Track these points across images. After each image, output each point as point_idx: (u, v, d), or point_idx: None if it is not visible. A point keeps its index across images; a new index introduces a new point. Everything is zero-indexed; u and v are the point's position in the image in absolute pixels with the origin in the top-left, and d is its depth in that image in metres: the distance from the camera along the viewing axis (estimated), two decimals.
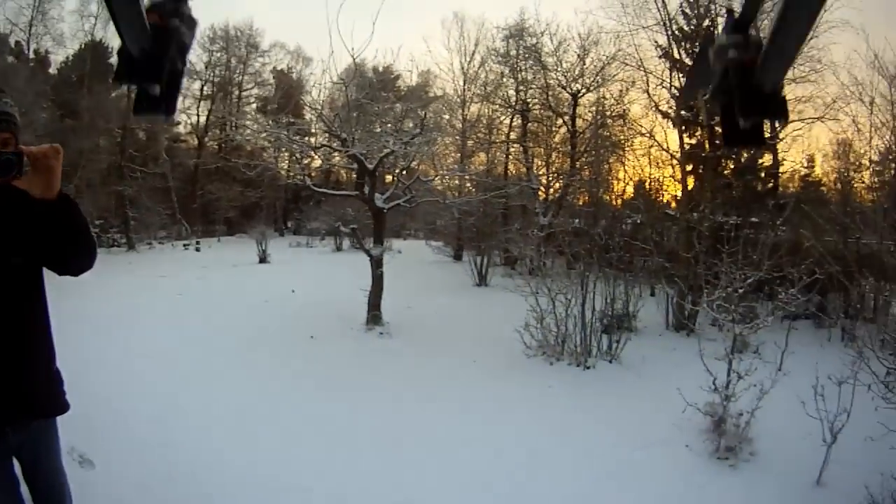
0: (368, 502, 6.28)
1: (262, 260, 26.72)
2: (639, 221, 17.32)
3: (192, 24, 1.21)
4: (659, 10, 19.44)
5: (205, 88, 40.63)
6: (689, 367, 9.74)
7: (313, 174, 39.61)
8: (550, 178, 25.73)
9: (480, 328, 14.29)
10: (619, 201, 23.27)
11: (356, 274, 16.63)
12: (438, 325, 14.77)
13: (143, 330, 12.72)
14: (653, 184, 22.05)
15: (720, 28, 1.43)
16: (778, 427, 8.00)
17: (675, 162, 19.94)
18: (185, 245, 32.18)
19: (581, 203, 25.72)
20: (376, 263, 14.46)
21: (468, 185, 25.80)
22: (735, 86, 1.13)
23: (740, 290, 9.40)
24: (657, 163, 21.47)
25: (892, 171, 18.14)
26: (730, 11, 1.25)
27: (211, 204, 38.47)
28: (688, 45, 19.60)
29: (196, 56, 38.74)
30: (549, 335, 12.04)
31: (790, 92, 18.79)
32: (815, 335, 13.51)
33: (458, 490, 6.61)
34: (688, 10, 19.71)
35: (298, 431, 7.91)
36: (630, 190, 23.45)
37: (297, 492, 6.24)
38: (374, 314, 14.16)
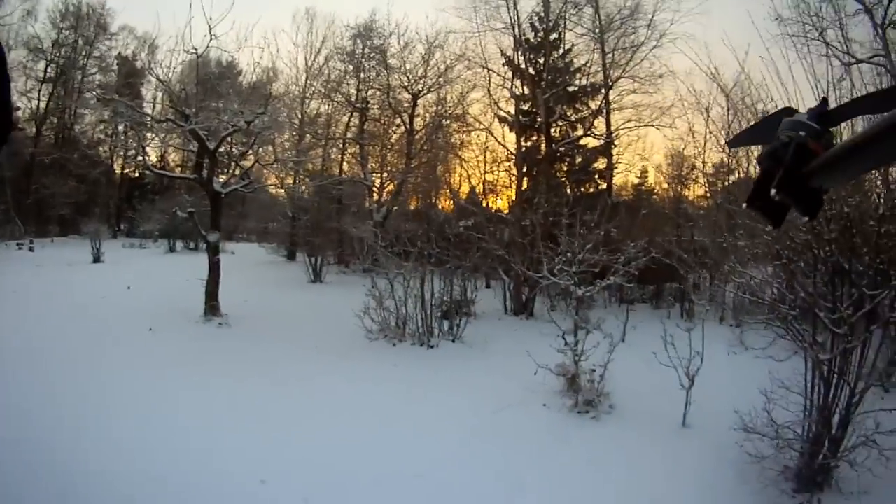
0: (231, 481, 5.84)
1: (97, 259, 25.08)
2: (471, 223, 17.31)
3: None
4: (510, 14, 19.74)
5: (48, 70, 37.08)
6: (531, 342, 9.82)
7: (146, 172, 37.17)
8: (385, 179, 25.43)
9: (319, 319, 13.86)
10: (451, 204, 23.34)
11: (190, 273, 15.93)
12: (276, 317, 14.21)
13: None
14: (487, 185, 22.28)
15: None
16: (631, 382, 8.15)
17: (510, 163, 20.32)
18: (18, 245, 29.53)
19: (414, 205, 25.74)
20: (213, 250, 13.68)
21: (302, 182, 25.77)
22: (788, 161, 1.14)
23: (579, 256, 9.47)
24: (493, 163, 21.75)
25: (723, 181, 19.83)
26: (824, 100, 1.25)
27: (45, 200, 35.07)
28: (531, 56, 20.16)
29: (45, 32, 35.59)
30: (391, 317, 11.79)
31: (630, 99, 20.12)
32: (653, 314, 14.16)
33: (322, 462, 6.26)
34: (537, 24, 20.26)
35: (144, 420, 7.15)
36: (465, 190, 23.62)
37: (153, 482, 5.68)
38: (211, 304, 13.33)
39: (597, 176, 20.90)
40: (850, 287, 5.84)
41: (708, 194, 19.67)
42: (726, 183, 19.86)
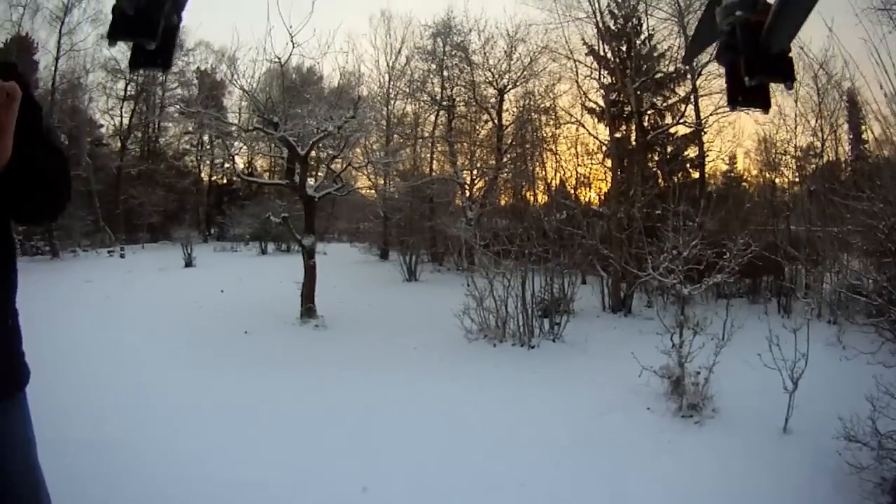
0: (332, 490, 5.93)
1: (189, 264, 26.27)
2: (569, 214, 17.39)
3: None
4: (590, 1, 19.59)
5: (128, 88, 39.17)
6: (632, 342, 10.01)
7: (235, 179, 38.98)
8: (475, 175, 25.78)
9: (417, 318, 14.16)
10: (545, 198, 23.44)
11: (284, 275, 16.43)
12: (373, 318, 14.56)
13: (74, 332, 12.00)
14: (580, 179, 22.28)
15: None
16: (735, 384, 8.16)
17: (602, 154, 20.33)
18: (109, 252, 31.23)
19: (505, 201, 25.95)
20: (308, 254, 14.16)
21: (394, 183, 26.00)
22: (742, 45, 1.16)
23: (685, 253, 9.52)
24: (584, 155, 21.76)
25: (814, 165, 19.20)
26: None
27: (134, 209, 36.92)
28: (614, 44, 20.05)
29: (121, 54, 36.82)
30: (490, 317, 12.01)
31: (717, 84, 19.72)
32: (750, 310, 13.92)
33: (425, 470, 6.37)
34: (615, 10, 20.11)
35: (248, 425, 7.51)
36: (557, 183, 23.62)
37: (253, 487, 5.86)
38: (308, 307, 13.84)
39: (688, 165, 20.62)
40: None
41: (798, 180, 19.06)
42: (816, 167, 19.25)
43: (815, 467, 6.29)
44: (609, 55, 20.02)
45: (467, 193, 25.31)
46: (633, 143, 19.39)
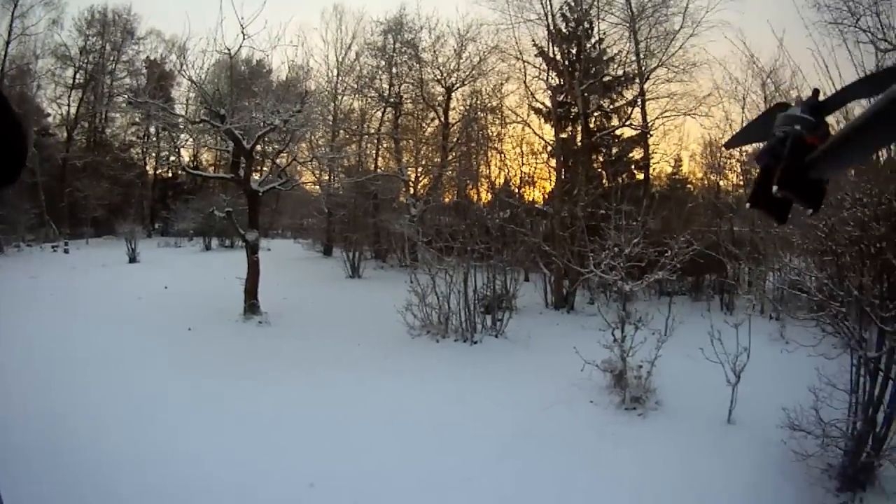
0: (279, 487, 5.93)
1: (132, 259, 25.53)
2: (513, 212, 17.36)
3: None
4: (542, 3, 19.65)
5: (77, 76, 37.55)
6: (574, 337, 9.99)
7: (180, 172, 37.88)
8: (420, 173, 25.61)
9: (360, 315, 14.01)
10: (488, 196, 23.44)
11: (227, 271, 16.20)
12: (316, 314, 14.38)
13: (20, 332, 11.50)
14: (525, 178, 22.28)
15: None
16: (678, 377, 8.23)
17: (547, 154, 20.39)
18: (53, 247, 30.11)
19: (449, 198, 25.84)
20: (252, 249, 13.87)
21: (338, 178, 25.82)
22: (787, 156, 1.13)
23: (626, 251, 9.52)
24: (530, 154, 21.81)
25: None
26: (815, 91, 1.24)
27: (79, 203, 35.47)
28: (564, 46, 20.14)
29: (72, 40, 36.16)
30: (433, 313, 11.89)
31: (665, 88, 20.01)
32: (693, 307, 14.14)
33: (371, 466, 6.35)
34: (568, 13, 20.21)
35: (193, 425, 7.35)
36: (501, 182, 23.63)
37: (197, 485, 5.82)
38: (251, 303, 13.55)
39: (633, 166, 20.88)
40: None
41: (743, 182, 19.54)
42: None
43: (762, 456, 6.37)
44: (558, 56, 20.13)
45: (412, 190, 25.18)
46: (579, 143, 19.49)
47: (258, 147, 15.56)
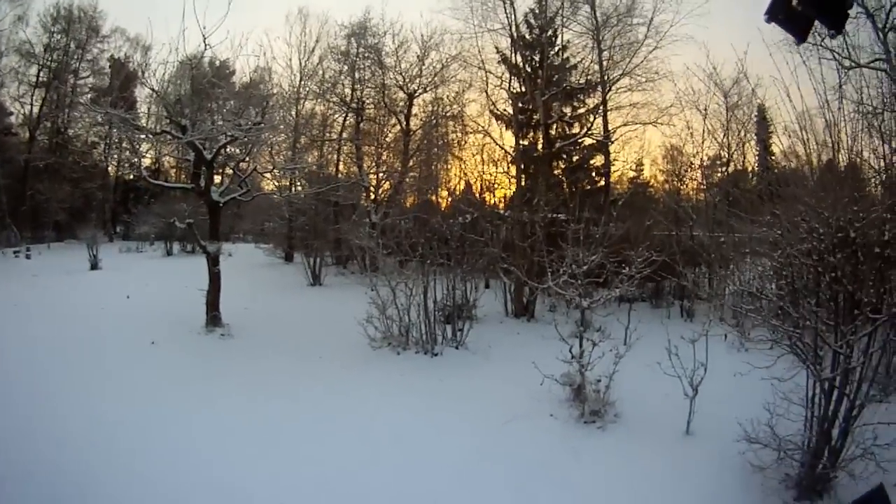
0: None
1: (94, 266, 24.88)
2: (472, 219, 17.30)
3: None
4: (507, 14, 19.55)
5: (41, 74, 36.36)
6: (534, 347, 10.06)
7: (142, 176, 36.97)
8: (381, 178, 25.49)
9: (321, 326, 13.91)
10: (449, 201, 23.38)
11: (189, 278, 15.87)
12: (278, 325, 14.18)
13: None
14: (485, 184, 22.27)
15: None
16: (637, 390, 8.26)
17: (508, 161, 20.41)
18: (15, 252, 29.20)
19: (410, 203, 25.70)
20: (213, 261, 13.57)
21: (299, 184, 25.32)
22: None
23: (584, 267, 9.49)
24: (490, 162, 21.73)
25: (720, 173, 20.08)
26: None
27: (41, 206, 34.81)
28: (527, 54, 20.17)
29: (37, 37, 35.07)
30: (393, 325, 11.80)
31: (627, 98, 20.21)
32: (653, 314, 14.29)
33: (337, 481, 6.38)
34: (532, 21, 20.26)
35: (152, 441, 7.24)
36: (461, 188, 23.60)
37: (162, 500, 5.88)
38: (213, 315, 13.27)
39: (593, 173, 21.01)
40: (854, 308, 5.87)
41: (704, 187, 19.86)
42: (722, 175, 20.14)
43: (720, 467, 6.43)
44: (521, 64, 20.13)
45: (372, 196, 25.00)
46: (540, 151, 19.51)
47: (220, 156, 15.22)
